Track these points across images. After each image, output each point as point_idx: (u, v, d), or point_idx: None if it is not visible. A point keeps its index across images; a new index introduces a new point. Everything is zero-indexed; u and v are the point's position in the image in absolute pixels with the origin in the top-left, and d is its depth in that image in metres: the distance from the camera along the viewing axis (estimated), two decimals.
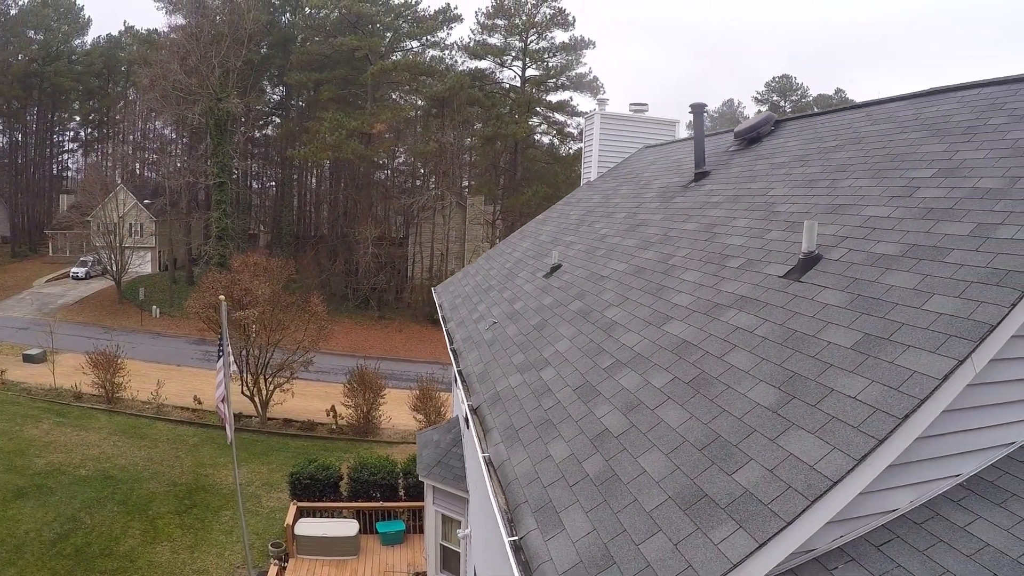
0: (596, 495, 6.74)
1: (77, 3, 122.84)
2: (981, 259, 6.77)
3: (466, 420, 12.72)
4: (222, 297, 20.28)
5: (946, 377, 5.69)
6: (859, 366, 6.33)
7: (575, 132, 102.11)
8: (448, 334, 16.92)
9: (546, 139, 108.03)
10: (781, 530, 5.17)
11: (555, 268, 16.02)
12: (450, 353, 15.40)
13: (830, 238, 8.94)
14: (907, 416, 5.54)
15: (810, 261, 8.63)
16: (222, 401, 20.35)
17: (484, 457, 9.21)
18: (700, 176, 16.10)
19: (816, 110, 17.91)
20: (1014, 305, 6.00)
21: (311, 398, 46.86)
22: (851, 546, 5.91)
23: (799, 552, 5.60)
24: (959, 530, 5.89)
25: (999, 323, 5.93)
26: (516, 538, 7.05)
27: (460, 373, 13.34)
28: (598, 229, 17.50)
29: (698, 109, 17.06)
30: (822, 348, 6.90)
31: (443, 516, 18.13)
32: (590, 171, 25.56)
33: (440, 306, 20.63)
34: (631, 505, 6.30)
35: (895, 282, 7.24)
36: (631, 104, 26.06)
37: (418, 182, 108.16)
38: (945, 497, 6.35)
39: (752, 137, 16.37)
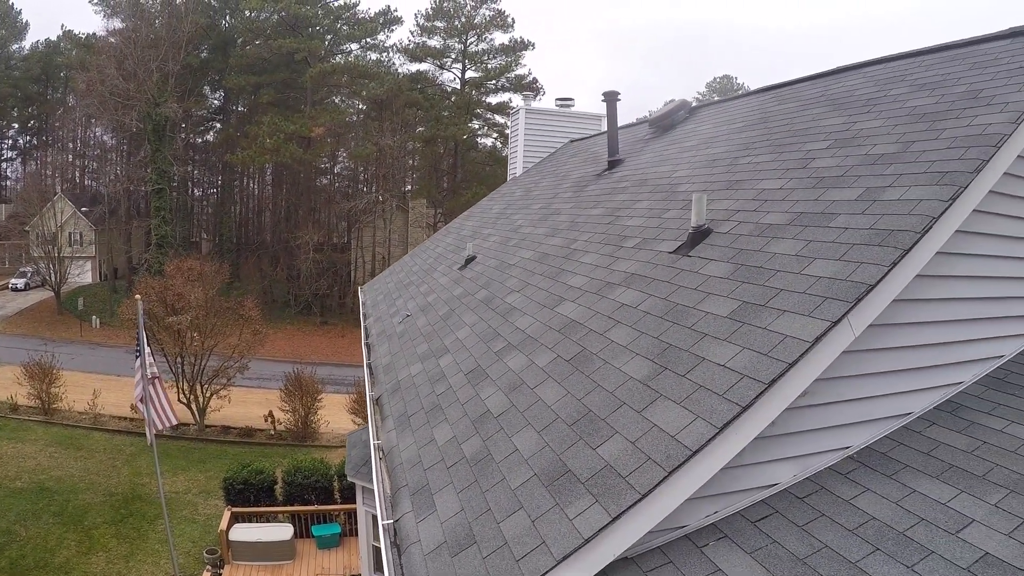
0: (469, 475, 6.51)
1: (14, 7, 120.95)
2: (866, 221, 6.63)
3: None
4: (138, 296, 19.86)
5: (818, 340, 5.48)
6: (732, 334, 6.13)
7: None
8: (365, 330, 16.72)
9: (487, 141, 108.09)
10: (635, 503, 4.91)
11: (470, 260, 15.86)
12: (363, 348, 15.16)
13: (722, 212, 8.83)
14: (774, 381, 5.31)
15: (699, 235, 8.49)
16: (140, 401, 19.97)
17: (375, 444, 9.01)
18: (613, 164, 16.11)
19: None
20: (895, 264, 5.84)
21: (252, 405, 46.28)
22: (725, 522, 5.69)
23: (667, 528, 5.37)
24: (843, 503, 5.72)
25: (877, 283, 5.75)
26: (391, 521, 6.85)
27: (369, 366, 13.13)
28: (515, 221, 17.42)
29: (610, 98, 16.94)
30: (699, 319, 6.70)
31: (373, 516, 17.82)
32: (516, 167, 25.44)
33: (363, 303, 20.44)
34: (499, 484, 6.06)
35: (778, 250, 7.08)
36: (557, 99, 26.04)
37: (361, 187, 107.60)
38: (832, 470, 6.20)
39: (666, 124, 16.40)
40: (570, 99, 25.92)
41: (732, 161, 10.75)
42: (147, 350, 18.92)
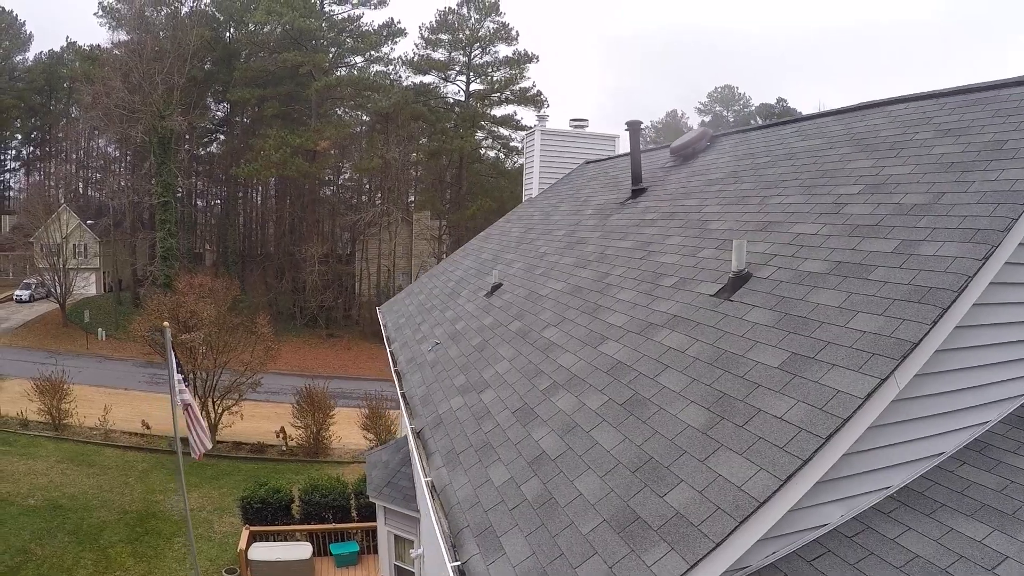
0: (534, 519, 6.77)
1: (18, 18, 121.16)
2: (904, 276, 6.90)
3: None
4: (166, 324, 19.99)
5: (869, 396, 5.79)
6: (785, 386, 6.43)
7: (519, 146, 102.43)
8: (392, 355, 16.89)
9: (491, 153, 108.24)
10: (711, 551, 5.24)
11: (496, 287, 16.05)
12: (393, 375, 15.37)
13: (760, 256, 9.07)
14: (831, 436, 5.63)
15: (740, 280, 8.73)
16: (195, 423, 20.09)
17: (427, 482, 9.20)
18: (637, 193, 16.21)
19: (753, 123, 18.13)
20: (935, 323, 6.13)
21: (260, 419, 46.34)
22: (784, 561, 6.01)
23: (732, 569, 5.65)
24: (889, 542, 6.03)
25: (920, 341, 6.05)
26: (459, 563, 7.06)
27: (403, 395, 13.33)
28: (538, 247, 17.60)
29: (634, 127, 17.15)
30: (750, 368, 7.00)
31: (395, 536, 18.05)
32: (531, 188, 25.64)
33: (384, 326, 20.58)
34: (568, 528, 6.33)
35: (821, 300, 7.36)
36: (571, 120, 26.21)
37: (364, 198, 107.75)
38: (876, 510, 6.49)
39: (688, 153, 16.50)
40: (584, 119, 26.17)
41: (762, 200, 11.00)
42: (177, 377, 19.01)
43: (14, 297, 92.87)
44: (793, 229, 9.31)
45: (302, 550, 23.23)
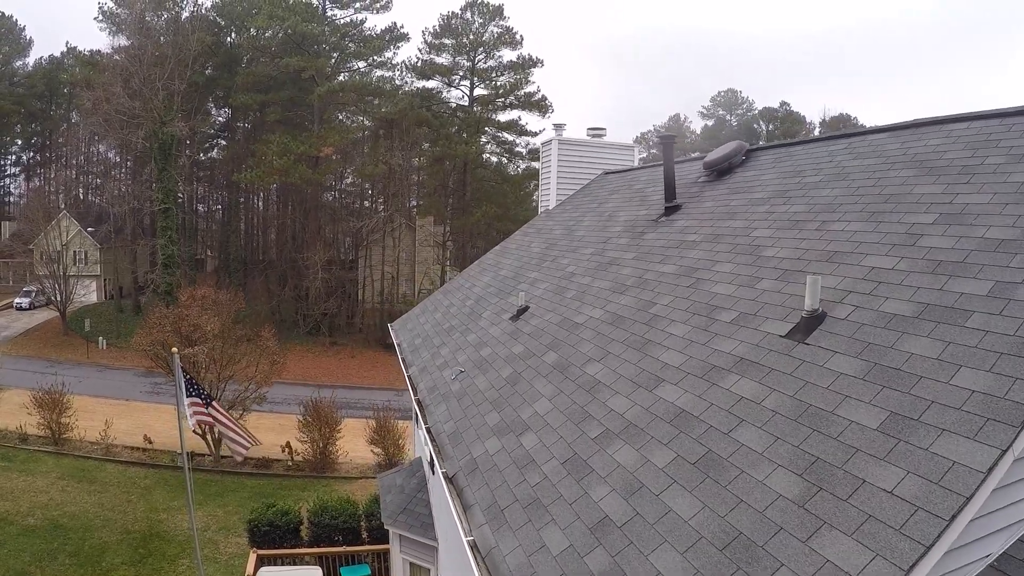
0: None
1: (18, 23, 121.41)
2: (1007, 325, 6.21)
3: (431, 464, 12.20)
4: (175, 349, 19.35)
5: (991, 470, 5.15)
6: (889, 453, 5.74)
7: (524, 151, 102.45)
8: (410, 380, 16.25)
9: (495, 159, 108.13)
10: None
11: (522, 310, 15.36)
12: (414, 404, 14.75)
13: (832, 292, 8.33)
14: (954, 517, 4.99)
15: (814, 320, 7.99)
16: (229, 429, 19.47)
17: (469, 541, 8.45)
18: (671, 210, 15.49)
19: (757, 127, 17.43)
20: None
21: (264, 431, 45.53)
22: None
23: None
24: None
25: None
26: None
27: (429, 431, 12.66)
28: (564, 266, 16.89)
29: (668, 141, 16.49)
30: (844, 428, 6.27)
31: (411, 564, 17.49)
32: (548, 199, 25.00)
33: (399, 346, 19.95)
34: None
35: (915, 349, 6.64)
36: (589, 129, 25.61)
37: (367, 203, 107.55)
38: None
39: (723, 168, 15.74)
40: (602, 128, 25.58)
41: (820, 225, 10.25)
42: (186, 401, 18.37)
43: (14, 305, 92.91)
44: (865, 262, 8.57)
45: (312, 574, 22.60)
